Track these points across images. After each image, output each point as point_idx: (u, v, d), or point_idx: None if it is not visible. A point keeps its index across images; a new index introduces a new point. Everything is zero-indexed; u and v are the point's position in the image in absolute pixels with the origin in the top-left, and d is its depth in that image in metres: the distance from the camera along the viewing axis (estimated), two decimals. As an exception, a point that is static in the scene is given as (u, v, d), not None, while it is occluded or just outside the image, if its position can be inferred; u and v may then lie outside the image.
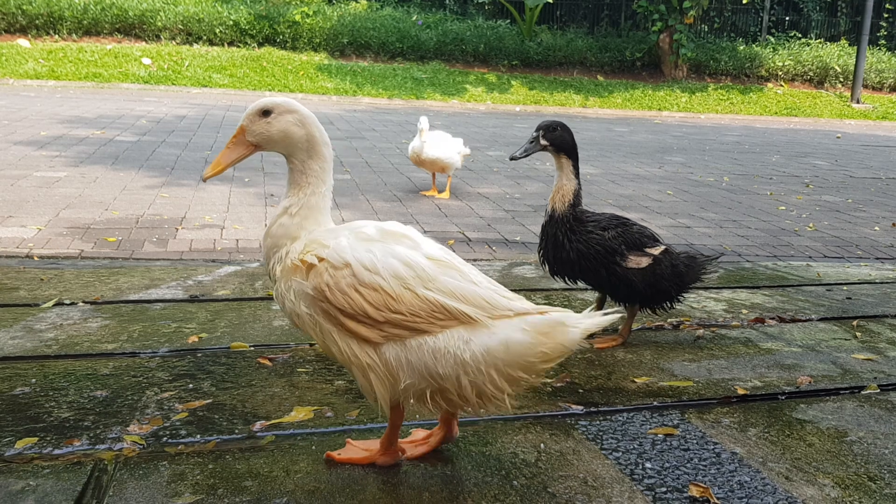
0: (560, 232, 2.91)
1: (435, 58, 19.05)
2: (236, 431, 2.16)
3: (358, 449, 2.02)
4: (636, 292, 2.95)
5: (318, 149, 1.94)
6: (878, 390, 2.68)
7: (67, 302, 3.34)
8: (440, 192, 6.72)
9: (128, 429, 2.15)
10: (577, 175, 2.96)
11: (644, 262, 2.92)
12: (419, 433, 2.12)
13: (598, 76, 19.77)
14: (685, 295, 3.12)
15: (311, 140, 1.93)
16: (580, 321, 1.82)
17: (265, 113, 1.95)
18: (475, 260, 4.65)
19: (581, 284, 3.10)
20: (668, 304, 3.08)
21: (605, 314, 1.85)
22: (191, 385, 2.48)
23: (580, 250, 2.88)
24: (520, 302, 1.86)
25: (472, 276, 1.86)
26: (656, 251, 2.96)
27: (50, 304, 3.29)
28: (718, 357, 2.96)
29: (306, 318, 1.81)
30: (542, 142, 2.94)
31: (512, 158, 3.04)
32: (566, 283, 3.08)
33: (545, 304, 3.57)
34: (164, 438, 2.11)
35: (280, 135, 1.94)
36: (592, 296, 3.75)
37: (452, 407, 1.88)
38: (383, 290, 1.74)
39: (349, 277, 1.76)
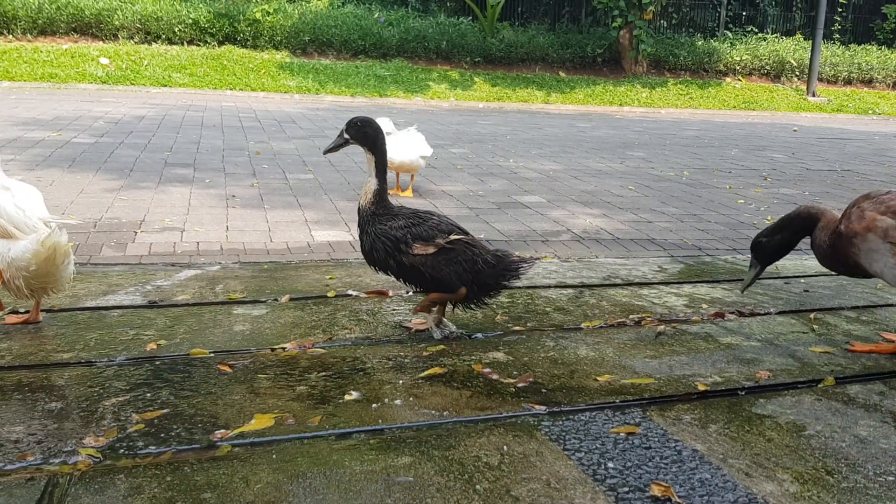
0: (364, 226, 3.06)
1: (397, 55, 18.99)
2: (195, 441, 2.13)
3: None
4: (424, 280, 3.01)
5: None
6: (835, 383, 2.72)
7: (21, 311, 3.27)
8: (403, 190, 6.70)
9: (83, 441, 2.10)
10: (379, 174, 3.05)
11: (430, 249, 2.97)
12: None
13: (560, 72, 19.86)
14: (495, 294, 3.15)
15: None
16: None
17: None
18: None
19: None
20: (484, 298, 3.11)
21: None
22: (148, 394, 2.44)
23: (372, 242, 3.00)
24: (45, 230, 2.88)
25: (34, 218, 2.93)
26: (444, 241, 2.98)
27: (3, 313, 3.22)
28: (679, 353, 2.98)
29: None
30: (345, 136, 3.08)
31: (325, 152, 3.20)
32: (386, 275, 3.17)
33: (509, 300, 3.58)
34: (121, 450, 2.07)
35: None
36: (561, 292, 3.77)
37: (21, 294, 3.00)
38: None
39: None
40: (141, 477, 1.94)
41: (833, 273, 3.19)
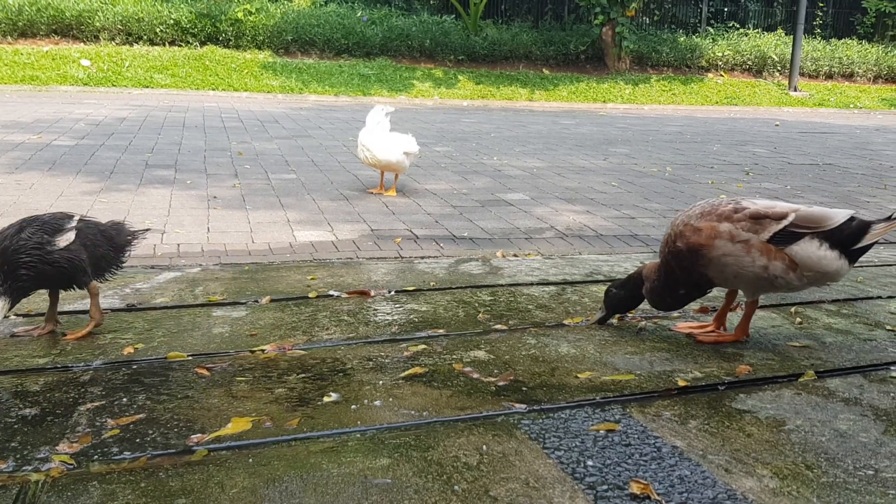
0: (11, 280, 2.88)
1: (381, 54, 18.94)
2: (170, 447, 2.10)
3: None
4: (82, 267, 2.95)
5: None
6: (815, 377, 2.73)
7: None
8: (387, 189, 6.68)
9: (57, 448, 2.07)
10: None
11: (71, 236, 2.94)
12: None
13: (544, 70, 19.87)
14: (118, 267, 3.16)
15: None
16: None
17: None
18: (423, 257, 4.62)
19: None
20: (115, 269, 3.13)
21: None
22: (125, 399, 2.41)
23: (21, 264, 2.83)
24: None
25: None
26: (74, 223, 2.97)
27: None
28: (660, 349, 2.98)
29: None
30: None
31: None
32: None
33: (490, 298, 3.56)
34: (95, 457, 2.04)
35: None
36: (543, 289, 3.76)
37: None
38: None
39: None
40: (115, 483, 1.91)
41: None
